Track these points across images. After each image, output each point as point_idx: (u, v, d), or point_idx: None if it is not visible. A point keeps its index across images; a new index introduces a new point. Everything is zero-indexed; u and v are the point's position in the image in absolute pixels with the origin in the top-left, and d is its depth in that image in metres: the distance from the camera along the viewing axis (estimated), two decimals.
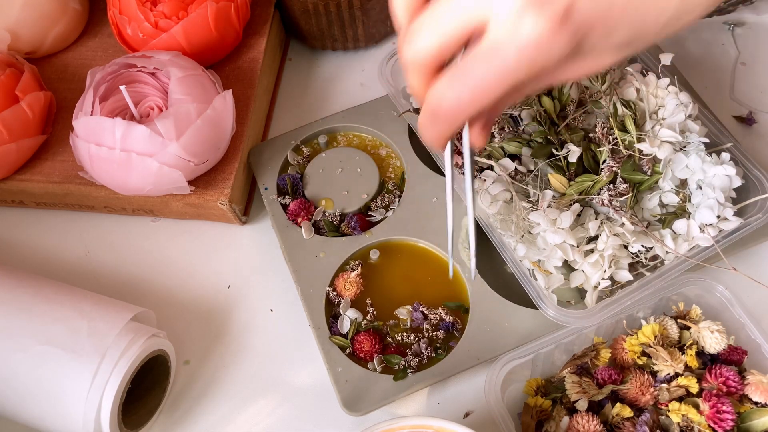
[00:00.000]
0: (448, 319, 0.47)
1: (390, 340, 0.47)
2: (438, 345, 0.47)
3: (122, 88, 0.48)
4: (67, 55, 0.60)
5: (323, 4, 0.58)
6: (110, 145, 0.48)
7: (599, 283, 0.44)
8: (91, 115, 0.49)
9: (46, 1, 0.57)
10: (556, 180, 0.45)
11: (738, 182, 0.45)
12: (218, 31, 0.55)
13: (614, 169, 0.45)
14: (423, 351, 0.46)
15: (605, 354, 0.43)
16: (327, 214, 0.52)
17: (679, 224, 0.45)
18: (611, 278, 0.44)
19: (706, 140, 0.46)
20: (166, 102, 0.50)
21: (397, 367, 0.45)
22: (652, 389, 0.41)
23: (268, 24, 0.60)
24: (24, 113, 0.52)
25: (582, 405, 0.41)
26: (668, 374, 0.42)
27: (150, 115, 0.50)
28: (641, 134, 0.45)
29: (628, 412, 0.40)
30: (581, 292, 0.45)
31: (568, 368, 0.43)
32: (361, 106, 0.57)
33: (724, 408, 0.39)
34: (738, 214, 0.45)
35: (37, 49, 0.59)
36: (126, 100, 0.49)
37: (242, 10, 0.56)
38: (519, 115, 0.51)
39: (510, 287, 0.48)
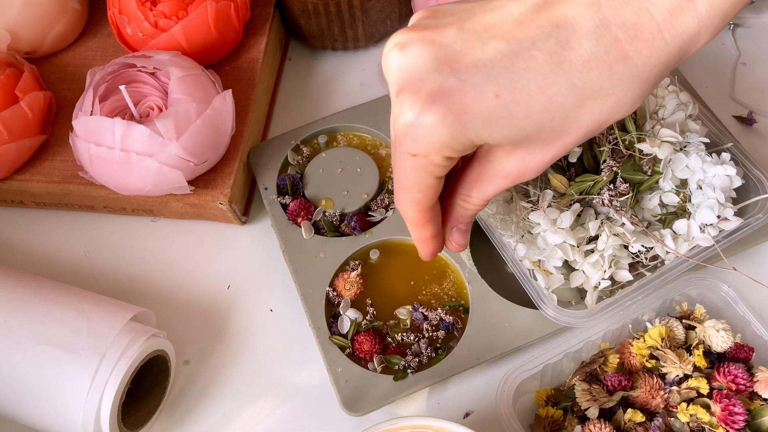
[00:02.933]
0: (448, 319, 0.47)
1: (390, 340, 0.47)
2: (438, 345, 0.47)
3: (122, 87, 0.48)
4: (66, 55, 0.60)
5: (323, 3, 0.58)
6: (110, 145, 0.48)
7: (599, 283, 0.44)
8: (91, 114, 0.49)
9: (46, 1, 0.57)
10: (556, 180, 0.45)
11: (738, 182, 0.45)
12: (218, 30, 0.55)
13: (614, 169, 0.45)
14: (423, 351, 0.46)
15: (613, 359, 0.43)
16: (327, 214, 0.52)
17: (680, 224, 0.45)
18: (611, 278, 0.44)
19: (707, 140, 0.46)
20: (165, 102, 0.50)
21: (397, 367, 0.45)
22: (662, 392, 0.41)
23: (268, 24, 0.59)
24: (24, 113, 0.52)
25: (593, 413, 0.41)
26: (677, 376, 0.41)
27: (150, 115, 0.50)
28: (641, 134, 0.45)
29: (639, 417, 0.40)
30: (581, 292, 0.45)
31: (578, 376, 0.42)
32: (361, 106, 0.57)
33: (736, 410, 0.39)
34: (738, 214, 0.45)
35: (36, 48, 0.59)
36: (126, 99, 0.49)
37: (242, 9, 0.56)
38: None
39: (510, 287, 0.48)
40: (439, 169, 0.32)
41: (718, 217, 0.44)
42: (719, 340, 0.43)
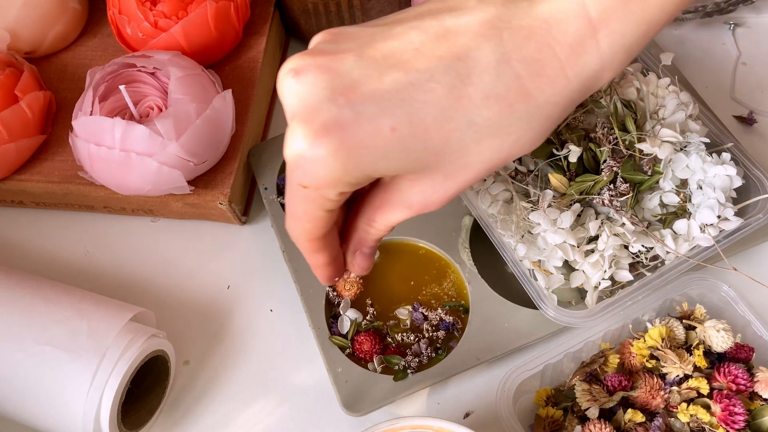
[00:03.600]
0: (448, 319, 0.47)
1: (390, 340, 0.47)
2: (438, 345, 0.47)
3: (122, 87, 0.48)
4: (66, 55, 0.60)
5: (323, 3, 0.58)
6: (110, 145, 0.48)
7: (599, 283, 0.44)
8: (91, 114, 0.49)
9: (46, 1, 0.57)
10: (557, 180, 0.45)
11: (738, 182, 0.45)
12: (218, 30, 0.55)
13: (614, 169, 0.45)
14: (423, 351, 0.46)
15: (614, 360, 0.43)
16: None
17: (680, 224, 0.45)
18: (611, 278, 0.44)
19: (707, 140, 0.46)
20: (165, 102, 0.50)
21: (397, 367, 0.45)
22: (662, 392, 0.41)
23: (268, 24, 0.59)
24: (23, 113, 0.52)
25: (593, 413, 0.41)
26: (677, 376, 0.41)
27: (149, 114, 0.50)
28: (642, 134, 0.45)
29: (640, 417, 0.40)
30: (581, 293, 0.45)
31: (578, 376, 0.42)
32: None
33: (736, 410, 0.39)
34: (738, 214, 0.45)
35: (36, 48, 0.59)
36: (125, 99, 0.49)
37: (242, 9, 0.56)
38: None
39: (510, 287, 0.48)
40: (331, 203, 0.30)
41: (719, 217, 0.44)
42: (719, 340, 0.43)
